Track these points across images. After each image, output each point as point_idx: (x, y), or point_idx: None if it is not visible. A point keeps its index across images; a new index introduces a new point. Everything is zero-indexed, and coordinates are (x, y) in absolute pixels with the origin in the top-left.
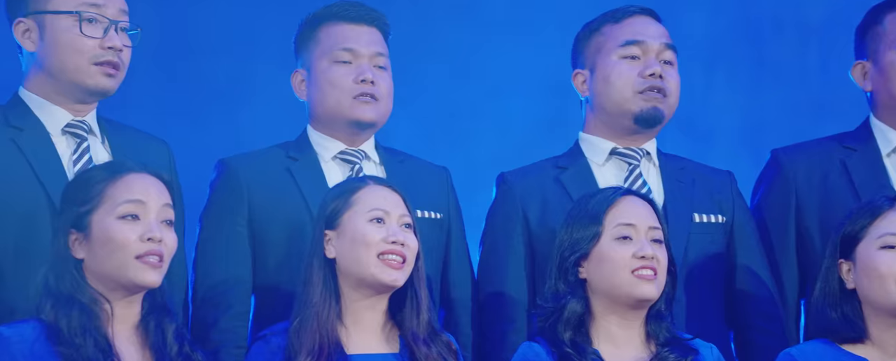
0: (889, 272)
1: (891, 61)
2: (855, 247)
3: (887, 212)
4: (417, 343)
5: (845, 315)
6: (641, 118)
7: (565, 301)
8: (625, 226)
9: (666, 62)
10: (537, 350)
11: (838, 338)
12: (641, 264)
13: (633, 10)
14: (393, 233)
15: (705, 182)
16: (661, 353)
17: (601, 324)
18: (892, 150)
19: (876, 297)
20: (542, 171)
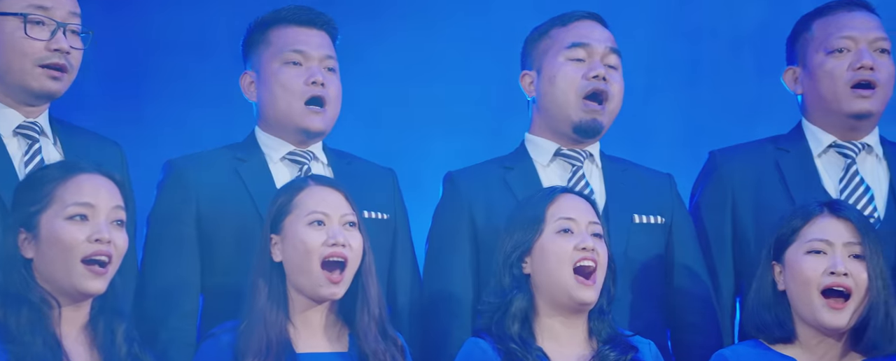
0: (812, 276)
1: (819, 65)
2: (785, 251)
3: (817, 218)
4: (367, 340)
5: (777, 317)
6: (580, 129)
7: (511, 296)
8: (565, 220)
9: (610, 66)
10: (483, 346)
11: (769, 338)
12: (582, 255)
13: (581, 15)
14: (333, 235)
15: (646, 184)
16: (602, 350)
17: (545, 321)
18: (823, 151)
19: (799, 303)
20: (488, 171)
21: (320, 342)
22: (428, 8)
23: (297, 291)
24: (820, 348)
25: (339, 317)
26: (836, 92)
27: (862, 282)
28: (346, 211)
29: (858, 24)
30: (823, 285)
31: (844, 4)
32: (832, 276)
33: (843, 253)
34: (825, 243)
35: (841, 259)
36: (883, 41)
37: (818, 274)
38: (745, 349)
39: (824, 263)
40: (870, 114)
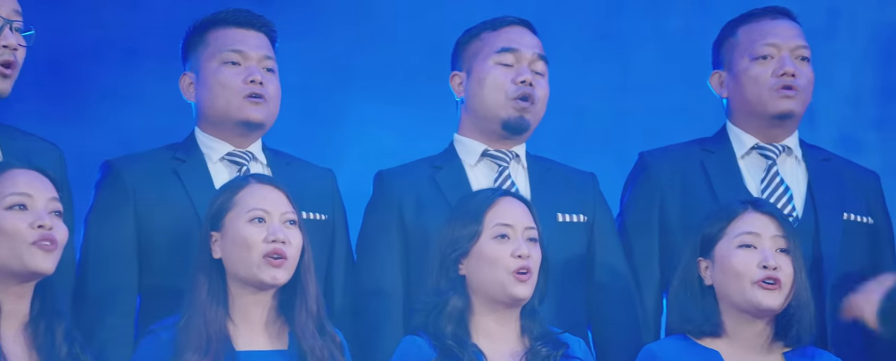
0: (745, 269)
1: (744, 70)
2: (714, 246)
3: (743, 214)
4: (304, 337)
5: (703, 311)
6: (509, 125)
7: (447, 296)
8: (502, 226)
9: (537, 72)
10: (419, 343)
11: (695, 333)
12: (519, 264)
13: (511, 21)
14: (273, 232)
15: (569, 183)
16: (534, 347)
17: (479, 320)
18: (746, 152)
19: (731, 293)
20: (418, 171)
21: (260, 339)
22: (369, 7)
23: (238, 286)
24: (745, 340)
25: (280, 315)
26: (760, 95)
27: (788, 275)
28: (287, 210)
29: (782, 31)
30: (756, 278)
31: (769, 13)
32: (764, 270)
33: (771, 246)
34: (755, 236)
35: (770, 253)
36: (804, 49)
37: (751, 268)
38: (672, 343)
39: (756, 257)
40: (792, 115)
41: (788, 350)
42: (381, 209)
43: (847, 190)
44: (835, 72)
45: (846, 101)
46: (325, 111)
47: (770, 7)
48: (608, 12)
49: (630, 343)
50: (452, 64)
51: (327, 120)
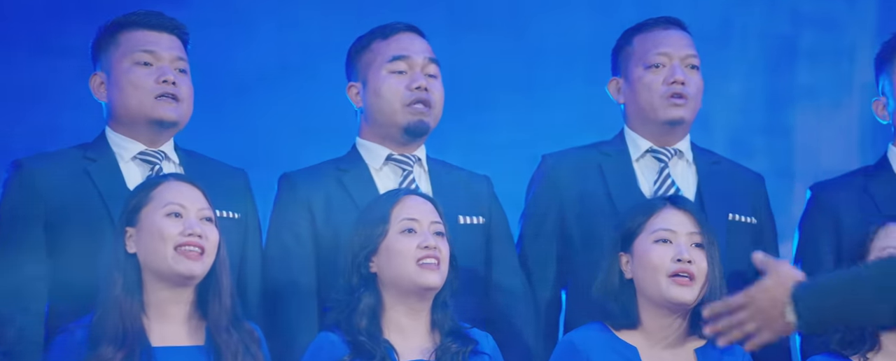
0: (661, 263)
1: (638, 78)
2: (633, 241)
3: (661, 210)
4: (219, 332)
5: (622, 304)
6: (409, 131)
7: (359, 294)
8: (409, 221)
9: (430, 75)
10: (333, 339)
11: (614, 325)
12: (425, 253)
13: (400, 28)
14: (190, 226)
15: (467, 186)
16: (445, 342)
17: (391, 316)
18: (640, 155)
19: (648, 287)
20: (324, 173)
21: (177, 335)
22: (283, 11)
23: (154, 281)
24: (661, 332)
25: (197, 311)
26: (652, 103)
27: (702, 269)
28: (203, 206)
29: (673, 41)
30: (671, 271)
31: (661, 23)
32: (678, 263)
33: (687, 241)
34: (670, 232)
35: (685, 247)
36: (693, 58)
37: (666, 261)
38: (591, 332)
39: (671, 251)
40: (682, 122)
41: (702, 343)
42: (291, 208)
43: (733, 192)
44: (727, 80)
45: (737, 108)
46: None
47: (662, 17)
48: (517, 18)
49: (524, 339)
50: (347, 75)
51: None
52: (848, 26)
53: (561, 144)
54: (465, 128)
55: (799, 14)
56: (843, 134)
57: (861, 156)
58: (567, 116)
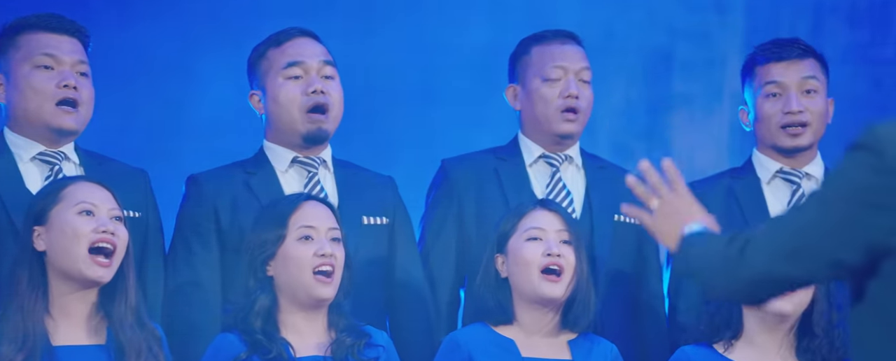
0: (532, 258)
1: (535, 89)
2: (507, 242)
3: (532, 211)
4: (123, 330)
5: (499, 301)
6: (309, 138)
7: (255, 296)
8: (306, 228)
9: (326, 77)
10: (231, 339)
11: (492, 321)
12: (322, 261)
13: (293, 34)
14: (102, 224)
15: (372, 187)
16: (339, 337)
17: (287, 317)
18: (534, 161)
19: (521, 283)
20: (231, 175)
21: (78, 334)
22: (180, 9)
23: (60, 281)
24: (536, 326)
25: (100, 310)
26: (547, 115)
27: (571, 263)
28: (113, 206)
29: (569, 56)
30: (542, 265)
31: (560, 36)
32: (548, 257)
33: (556, 238)
34: (540, 230)
35: (554, 243)
36: (586, 72)
37: (537, 257)
38: (473, 331)
39: (541, 247)
40: (572, 135)
41: (573, 336)
42: (196, 209)
43: (619, 195)
44: (609, 89)
45: (618, 114)
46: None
47: (560, 31)
48: (418, 23)
49: (424, 335)
50: (249, 83)
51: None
52: (719, 39)
53: (458, 148)
54: (366, 130)
55: (674, 27)
56: (715, 138)
57: (730, 159)
58: (463, 119)
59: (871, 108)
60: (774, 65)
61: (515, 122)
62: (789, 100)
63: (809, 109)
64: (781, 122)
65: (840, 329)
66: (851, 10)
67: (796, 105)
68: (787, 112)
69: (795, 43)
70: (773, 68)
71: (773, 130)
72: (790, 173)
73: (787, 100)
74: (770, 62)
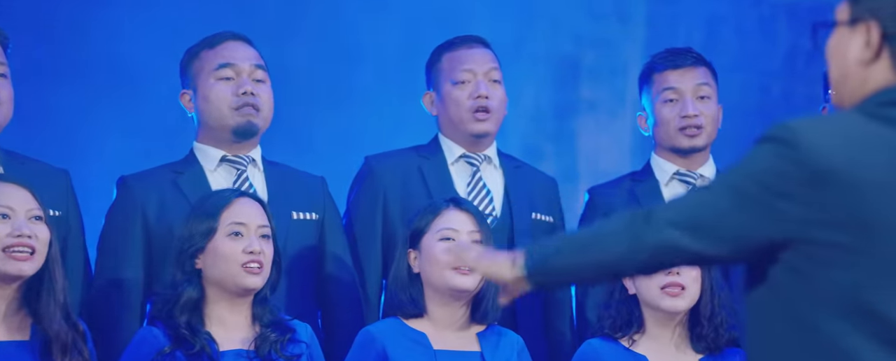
0: (444, 258)
1: (448, 93)
2: (421, 239)
3: (445, 211)
4: (51, 325)
5: (411, 296)
6: (239, 132)
7: (182, 288)
8: (237, 225)
9: (257, 80)
10: (155, 332)
11: (405, 315)
12: (250, 258)
13: (227, 37)
14: (18, 228)
15: (302, 185)
16: (264, 333)
17: (213, 309)
18: (455, 160)
19: (434, 279)
20: (160, 175)
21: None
22: (104, 9)
23: None
24: (447, 319)
25: (22, 307)
26: (460, 116)
27: None
28: (33, 206)
29: (476, 58)
30: (453, 265)
31: (467, 41)
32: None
33: (468, 238)
34: (453, 231)
35: (467, 242)
36: (495, 72)
37: (449, 257)
38: (386, 324)
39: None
40: (487, 134)
41: (483, 328)
42: (124, 210)
43: (534, 193)
44: (520, 93)
45: (529, 117)
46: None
47: (468, 36)
48: (337, 30)
49: (353, 326)
50: (181, 82)
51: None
52: (622, 48)
53: (377, 147)
54: (286, 131)
55: (580, 37)
56: (618, 141)
57: (632, 161)
58: (384, 121)
59: (758, 115)
60: (671, 72)
61: (432, 124)
62: (685, 104)
63: (704, 113)
64: (679, 125)
65: (721, 317)
66: (741, 22)
67: (692, 109)
68: (684, 115)
69: (689, 52)
70: (669, 75)
71: (672, 132)
72: (686, 174)
73: (684, 105)
74: (667, 69)
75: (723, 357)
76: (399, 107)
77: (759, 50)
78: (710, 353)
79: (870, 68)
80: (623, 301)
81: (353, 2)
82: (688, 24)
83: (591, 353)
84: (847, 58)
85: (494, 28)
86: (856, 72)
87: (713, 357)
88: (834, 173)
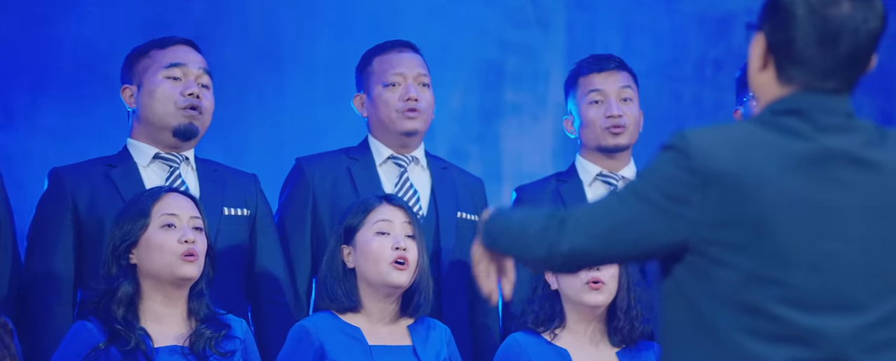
0: (381, 252)
1: (378, 95)
2: (355, 235)
3: (378, 206)
4: None
5: (345, 290)
6: (179, 132)
7: (118, 283)
8: (169, 216)
9: (203, 85)
10: (90, 327)
11: (339, 309)
12: (184, 248)
13: (178, 40)
14: None
15: (235, 182)
16: (199, 329)
17: (148, 304)
18: (383, 161)
19: (369, 274)
20: (92, 169)
21: None
22: (31, 7)
23: None
24: (380, 313)
25: None
26: (390, 117)
27: (415, 256)
28: None
29: (406, 62)
30: (391, 258)
31: (397, 45)
32: (396, 250)
33: (401, 232)
34: (388, 224)
35: (400, 237)
36: (424, 76)
37: (386, 250)
38: (320, 319)
39: (389, 241)
40: (415, 133)
41: (412, 321)
42: (55, 203)
43: (460, 193)
44: (447, 97)
45: (456, 120)
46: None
47: (398, 41)
48: (267, 36)
49: (284, 320)
50: (122, 77)
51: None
52: (543, 54)
53: (311, 149)
54: (224, 133)
55: (505, 43)
56: (541, 143)
57: (553, 162)
58: (315, 123)
59: (671, 120)
60: (596, 75)
61: (362, 126)
62: (610, 105)
63: (627, 114)
64: (604, 125)
65: (637, 311)
66: (655, 31)
67: (617, 109)
68: (609, 115)
69: (612, 58)
70: (595, 78)
71: (598, 132)
72: (608, 176)
73: (609, 106)
74: (592, 73)
75: (637, 349)
76: (329, 109)
77: (672, 57)
78: (626, 346)
79: (762, 76)
80: (546, 296)
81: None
82: (605, 33)
83: (515, 346)
84: (751, 65)
85: (423, 34)
86: (754, 80)
87: (628, 349)
88: (723, 178)
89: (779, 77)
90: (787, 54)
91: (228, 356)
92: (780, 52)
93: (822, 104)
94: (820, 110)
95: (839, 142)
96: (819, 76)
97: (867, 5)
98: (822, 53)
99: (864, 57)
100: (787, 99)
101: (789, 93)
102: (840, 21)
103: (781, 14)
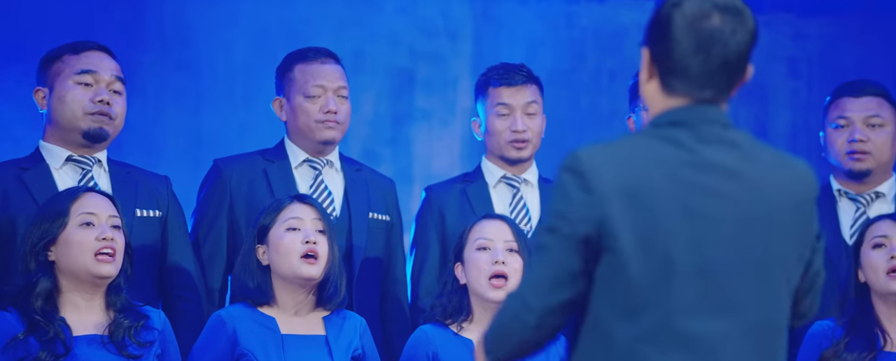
0: (292, 247)
1: (299, 104)
2: (268, 233)
3: (290, 205)
4: None
5: (259, 284)
6: (89, 135)
7: (36, 278)
8: (87, 215)
9: (115, 91)
10: (9, 318)
11: (254, 302)
12: (102, 245)
13: (92, 46)
14: None
15: (146, 183)
16: (117, 319)
17: (68, 297)
18: (299, 164)
19: (282, 269)
20: (4, 170)
21: None
22: None
23: None
24: (294, 305)
25: None
26: (309, 126)
27: (324, 249)
28: None
29: (328, 74)
30: (301, 253)
31: (320, 55)
32: (306, 245)
33: (312, 228)
34: (299, 220)
35: (311, 232)
36: (344, 89)
37: (296, 245)
38: (237, 309)
39: (300, 236)
40: (333, 141)
41: (328, 312)
42: None
43: (372, 194)
44: (360, 102)
45: (368, 124)
46: None
47: (322, 50)
48: (183, 43)
49: (194, 316)
50: (37, 80)
51: None
52: (452, 62)
53: (228, 150)
54: (141, 136)
55: (415, 52)
56: (449, 147)
57: (461, 165)
58: (232, 126)
59: (570, 125)
60: (505, 89)
61: (278, 129)
62: (516, 120)
63: (531, 128)
64: (508, 138)
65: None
66: (556, 42)
67: (521, 125)
68: (514, 130)
69: (521, 69)
70: (503, 91)
71: (502, 144)
72: (512, 179)
73: (514, 121)
74: (501, 86)
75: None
76: (246, 112)
77: (570, 67)
78: None
79: (649, 87)
80: (454, 291)
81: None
82: (510, 44)
83: (423, 338)
84: (640, 76)
85: (338, 42)
86: (643, 90)
87: None
88: (615, 191)
89: (663, 87)
90: (667, 65)
91: (147, 346)
92: (662, 63)
93: (701, 114)
94: (700, 120)
95: (717, 154)
96: (696, 85)
97: (736, 19)
98: (696, 63)
99: (736, 67)
100: (669, 112)
101: (672, 105)
102: (710, 32)
103: (661, 27)
